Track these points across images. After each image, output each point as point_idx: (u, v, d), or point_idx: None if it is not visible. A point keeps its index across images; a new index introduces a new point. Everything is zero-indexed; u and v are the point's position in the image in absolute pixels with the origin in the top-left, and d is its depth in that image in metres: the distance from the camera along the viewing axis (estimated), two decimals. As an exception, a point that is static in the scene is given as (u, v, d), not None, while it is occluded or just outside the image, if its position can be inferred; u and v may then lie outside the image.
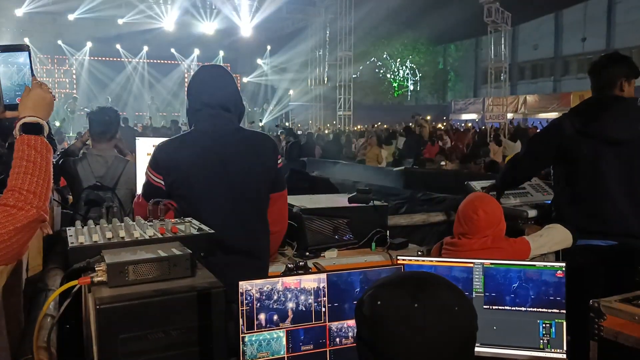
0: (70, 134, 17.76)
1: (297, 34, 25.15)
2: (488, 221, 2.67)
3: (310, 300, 1.77)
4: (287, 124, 23.57)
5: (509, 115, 22.51)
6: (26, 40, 21.74)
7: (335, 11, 23.06)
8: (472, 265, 2.08)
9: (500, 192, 3.57)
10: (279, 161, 2.44)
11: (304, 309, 1.76)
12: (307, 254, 3.06)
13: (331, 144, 14.51)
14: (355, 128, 23.96)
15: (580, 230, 2.95)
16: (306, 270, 2.33)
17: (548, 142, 3.16)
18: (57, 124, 18.35)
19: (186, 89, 2.47)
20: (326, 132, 21.84)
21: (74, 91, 24.05)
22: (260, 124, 23.85)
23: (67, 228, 1.58)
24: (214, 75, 2.45)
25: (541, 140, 3.28)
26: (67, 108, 20.91)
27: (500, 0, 19.55)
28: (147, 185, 2.30)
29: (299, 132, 20.28)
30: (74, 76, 24.50)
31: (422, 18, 28.42)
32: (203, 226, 1.64)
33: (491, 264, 2.06)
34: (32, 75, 1.63)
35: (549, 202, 3.52)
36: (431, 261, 2.16)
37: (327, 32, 24.73)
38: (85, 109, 21.62)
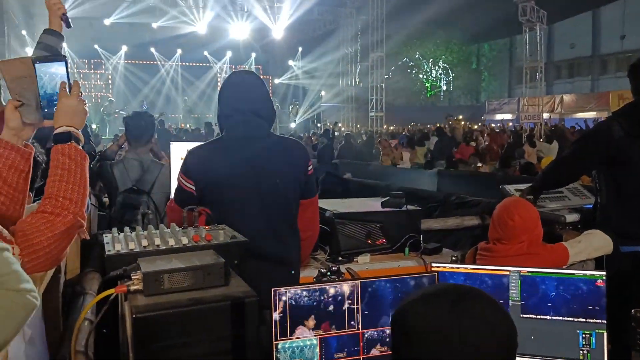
0: (106, 136, 18.15)
1: (329, 35, 25.19)
2: (524, 226, 2.61)
3: (343, 308, 1.76)
4: (319, 125, 23.59)
5: (545, 115, 22.05)
6: (64, 45, 22.33)
7: (366, 12, 23.00)
8: (508, 273, 2.03)
9: (537, 195, 3.49)
10: (309, 167, 2.44)
11: (337, 316, 1.75)
12: (340, 258, 3.06)
13: (364, 145, 14.44)
14: (388, 129, 23.86)
15: (627, 236, 2.87)
16: (339, 276, 2.33)
17: (596, 144, 3.09)
18: (94, 126, 18.78)
19: (218, 94, 2.49)
20: (361, 133, 21.78)
21: (110, 94, 24.59)
22: (292, 125, 23.94)
23: (104, 235, 1.61)
24: (245, 80, 2.46)
25: (588, 143, 3.21)
26: (103, 111, 21.40)
27: (536, -2, 19.20)
28: (179, 190, 2.32)
29: (336, 134, 20.28)
30: (110, 79, 25.05)
31: (454, 18, 28.12)
32: (237, 234, 1.64)
33: (528, 272, 2.01)
34: (68, 84, 1.67)
35: (588, 206, 3.43)
36: (466, 268, 2.12)
37: (359, 33, 24.68)
38: (121, 112, 22.10)
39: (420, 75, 36.55)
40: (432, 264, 2.17)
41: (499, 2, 22.72)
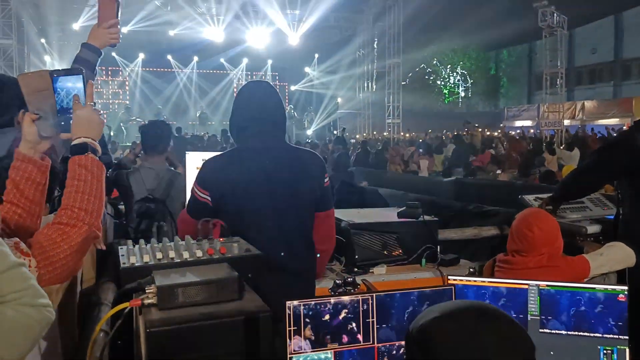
0: (123, 143, 18.36)
1: (345, 42, 25.25)
2: (544, 238, 2.58)
3: (358, 321, 1.76)
4: (335, 132, 23.61)
5: (566, 122, 21.84)
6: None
7: (383, 19, 23.03)
8: (526, 287, 2.01)
9: (557, 205, 3.45)
10: (325, 179, 2.44)
11: (352, 329, 1.74)
12: (356, 269, 3.05)
13: (381, 152, 14.42)
14: (405, 136, 23.80)
15: None
16: (354, 287, 2.32)
17: (619, 154, 3.05)
18: (111, 133, 19.01)
19: (233, 104, 2.50)
20: (377, 140, 21.76)
21: (127, 101, 24.87)
22: (308, 132, 23.99)
23: (120, 247, 1.62)
24: (261, 91, 2.47)
25: (611, 152, 3.17)
26: (120, 118, 21.66)
27: (556, 3, 19.04)
28: (193, 201, 2.32)
29: (352, 141, 20.28)
30: (127, 86, 25.35)
31: (472, 23, 28.00)
32: (251, 247, 1.65)
33: (547, 286, 1.99)
34: (85, 97, 1.69)
35: (610, 217, 3.38)
36: (484, 282, 2.10)
37: (375, 39, 24.70)
38: (138, 119, 22.35)
39: (438, 82, 36.43)
40: (449, 277, 2.15)
41: (517, 8, 22.61)
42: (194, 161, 3.54)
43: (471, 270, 2.98)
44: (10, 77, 2.16)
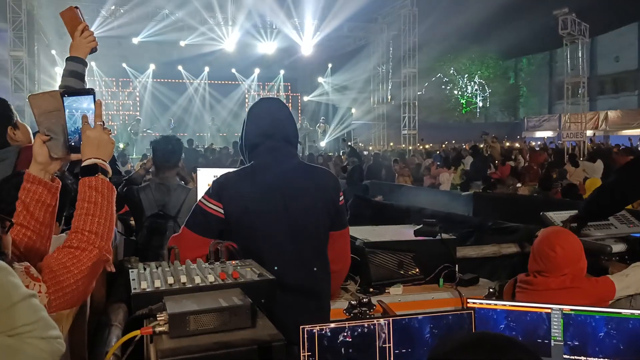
0: (134, 156, 18.50)
1: (359, 52, 25.35)
2: (566, 258, 2.56)
3: (375, 346, 1.75)
4: (350, 143, 23.64)
5: (589, 133, 21.66)
6: (93, 65, 23.02)
7: (398, 27, 23.10)
8: (549, 310, 1.99)
9: (583, 224, 3.41)
10: (340, 198, 2.44)
11: (368, 355, 1.73)
12: (371, 289, 3.03)
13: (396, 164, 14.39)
14: (422, 147, 23.75)
15: None
16: (370, 308, 2.31)
17: None
18: (121, 146, 19.20)
19: (244, 121, 2.51)
20: (388, 151, 21.74)
21: (137, 113, 25.12)
22: (322, 144, 24.01)
23: (130, 269, 1.64)
24: (274, 107, 2.49)
25: (638, 168, 3.13)
26: (131, 130, 21.85)
27: (577, 11, 18.98)
28: (201, 214, 2.27)
29: (365, 152, 20.28)
30: (137, 98, 25.61)
31: (490, 31, 28.01)
32: (264, 271, 1.65)
33: (571, 310, 1.97)
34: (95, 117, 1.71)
35: (636, 235, 3.34)
36: (504, 305, 2.08)
37: (390, 48, 24.78)
38: (149, 131, 22.54)
39: (455, 91, 36.41)
40: (469, 300, 2.14)
41: (537, 15, 22.58)
42: (206, 177, 3.56)
43: (491, 290, 2.95)
44: None
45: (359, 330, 1.74)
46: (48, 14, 19.42)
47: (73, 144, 1.68)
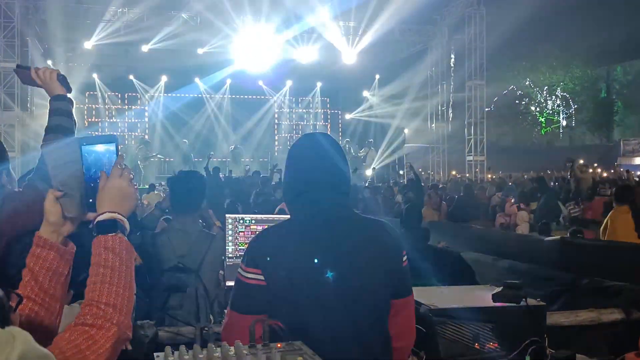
0: (141, 186, 18.53)
1: (414, 60, 25.31)
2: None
3: None
4: (401, 172, 23.51)
5: (702, 159, 21.14)
6: (95, 77, 23.71)
7: (462, 30, 23.12)
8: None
9: None
10: (404, 258, 2.43)
11: None
12: (440, 369, 2.99)
13: (462, 199, 14.22)
14: (490, 177, 23.53)
15: None
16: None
17: None
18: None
19: (284, 166, 2.52)
20: (448, 181, 21.57)
21: (146, 134, 25.52)
22: (368, 172, 23.87)
23: (156, 356, 1.65)
24: (315, 145, 2.48)
25: None
26: (138, 155, 22.12)
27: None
28: (241, 289, 2.30)
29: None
30: (147, 115, 26.05)
31: (576, 34, 27.81)
32: (317, 357, 1.65)
33: None
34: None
35: None
36: (615, 401, 2.02)
37: (452, 56, 24.77)
38: (159, 156, 22.88)
39: (532, 108, 36.13)
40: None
41: (634, 14, 22.34)
42: (234, 224, 3.60)
43: (592, 373, 2.87)
44: None
45: None
46: (47, 17, 20.04)
47: (91, 200, 1.72)
